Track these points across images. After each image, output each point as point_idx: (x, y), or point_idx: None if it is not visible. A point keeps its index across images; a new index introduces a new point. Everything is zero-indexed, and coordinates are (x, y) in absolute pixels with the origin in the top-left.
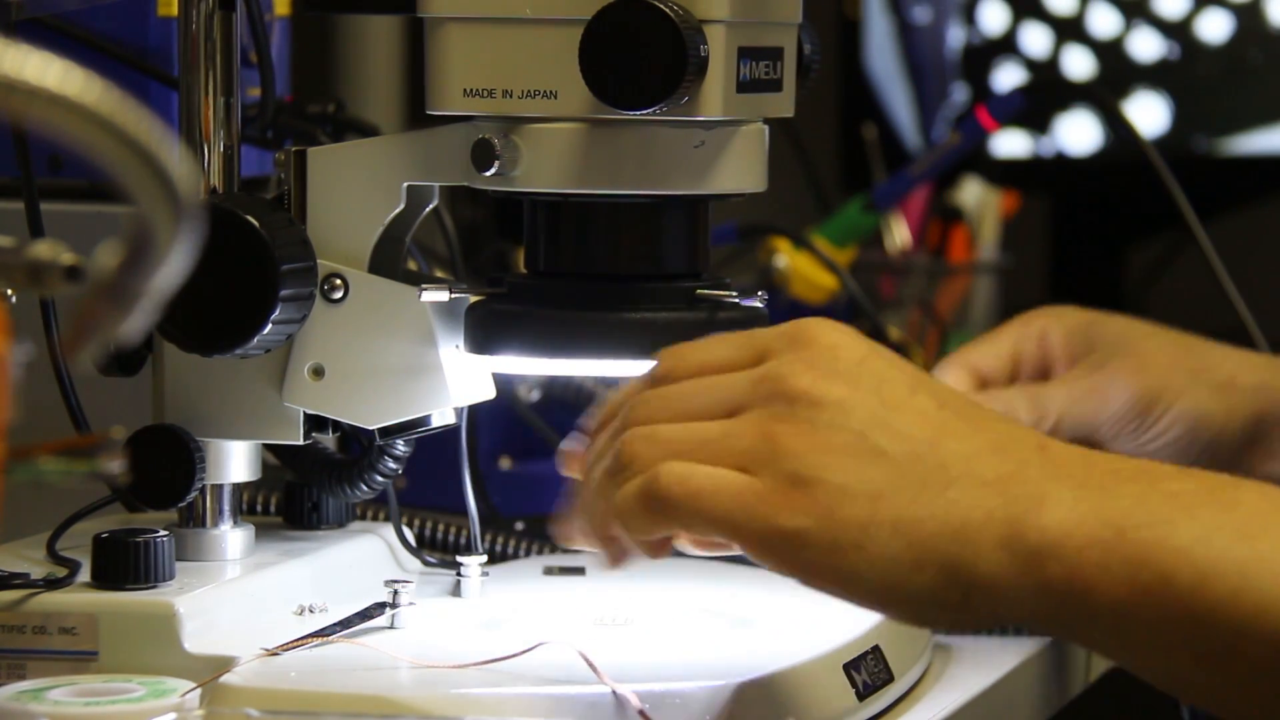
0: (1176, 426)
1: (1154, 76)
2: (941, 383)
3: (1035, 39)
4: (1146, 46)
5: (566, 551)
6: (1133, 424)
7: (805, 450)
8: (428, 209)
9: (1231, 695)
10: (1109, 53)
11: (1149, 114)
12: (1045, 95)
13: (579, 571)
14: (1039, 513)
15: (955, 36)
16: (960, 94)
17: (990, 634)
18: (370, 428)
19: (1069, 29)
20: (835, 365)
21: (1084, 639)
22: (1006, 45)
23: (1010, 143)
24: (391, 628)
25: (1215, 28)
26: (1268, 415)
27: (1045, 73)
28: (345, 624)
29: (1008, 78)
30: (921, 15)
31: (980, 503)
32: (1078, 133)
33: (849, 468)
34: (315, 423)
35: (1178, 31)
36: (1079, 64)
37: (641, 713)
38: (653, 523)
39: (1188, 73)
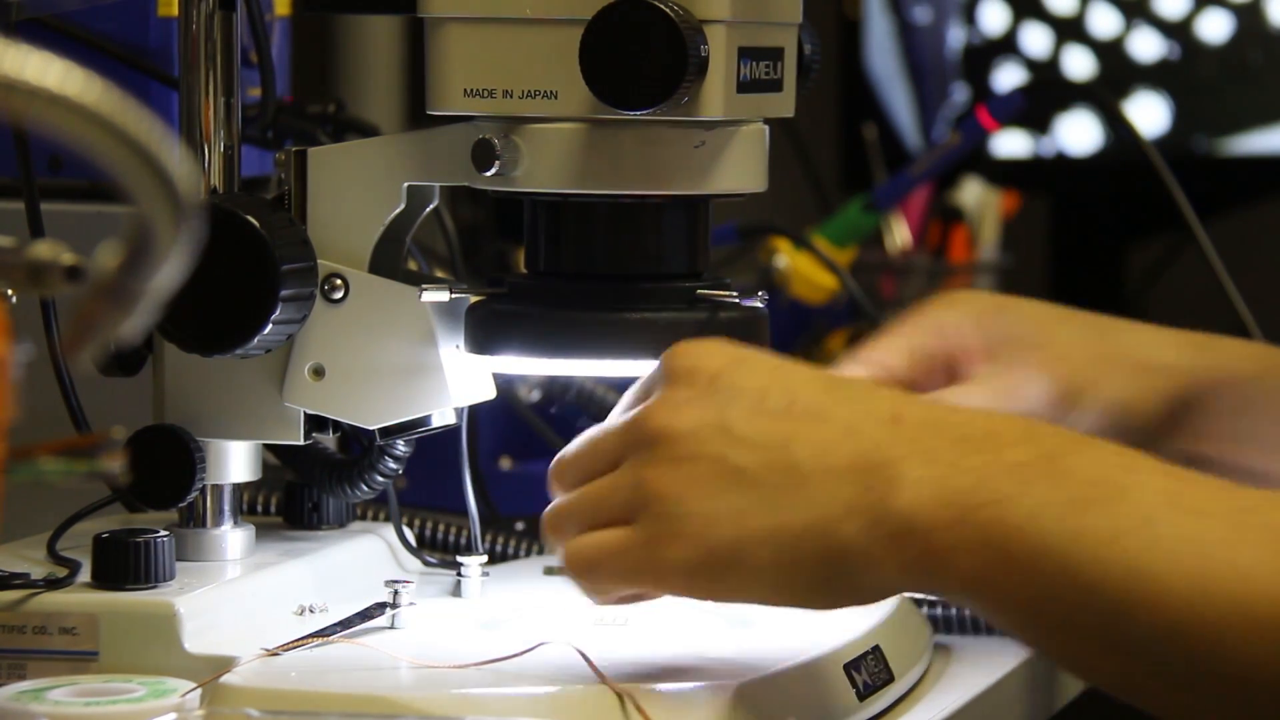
0: (1098, 418)
1: (1154, 76)
2: (800, 372)
3: (1035, 39)
4: (1146, 47)
5: None
6: (1054, 420)
7: (670, 488)
8: (428, 209)
9: (1087, 665)
10: (1109, 53)
11: (1149, 114)
12: (1045, 95)
13: None
14: (891, 497)
15: (955, 36)
16: (960, 94)
17: (991, 634)
18: (370, 428)
19: (1069, 29)
20: (690, 392)
21: (961, 606)
22: (1007, 45)
23: (1010, 143)
24: (391, 628)
25: (1215, 28)
26: (1188, 395)
27: (1045, 73)
28: (345, 624)
29: (1008, 78)
30: (921, 15)
31: (837, 494)
32: (1078, 133)
33: (712, 494)
34: (315, 423)
35: (1178, 31)
36: (1079, 64)
37: (641, 712)
38: (583, 592)
39: (1188, 73)
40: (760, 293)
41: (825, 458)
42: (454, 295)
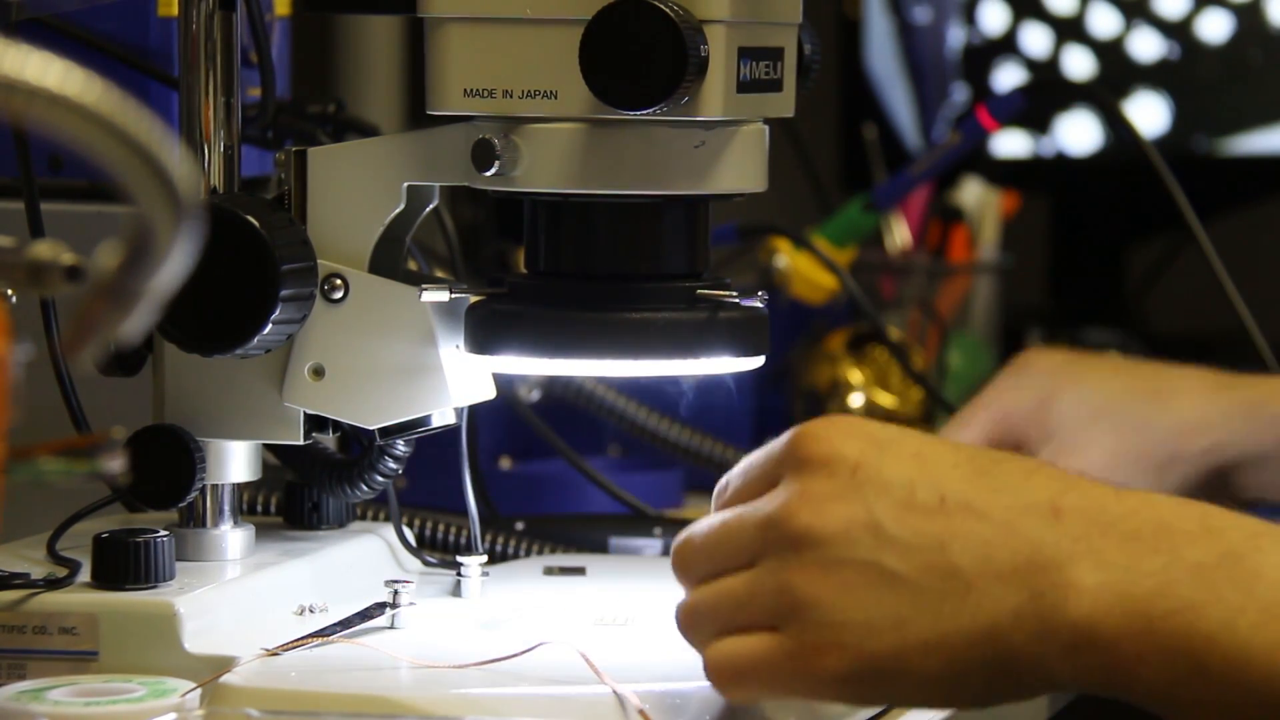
0: None
1: (1154, 76)
2: (944, 456)
3: (1035, 39)
4: (1146, 46)
5: (566, 551)
6: None
7: (822, 595)
8: (428, 209)
9: None
10: (1109, 52)
11: (1149, 114)
12: (1045, 95)
13: (579, 571)
14: (1065, 605)
15: (955, 36)
16: (960, 94)
17: None
18: (370, 428)
19: (1069, 29)
20: (832, 486)
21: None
22: (1007, 45)
23: (1010, 143)
24: (391, 628)
25: (1216, 27)
26: (1215, 475)
27: (1045, 73)
28: (345, 624)
29: (1008, 78)
30: (921, 15)
31: (1004, 601)
32: (1077, 132)
33: (867, 601)
34: (315, 423)
35: (1178, 31)
36: (1079, 64)
37: (641, 712)
38: (727, 695)
39: (1188, 73)
40: (760, 293)
41: (987, 560)
42: (454, 295)
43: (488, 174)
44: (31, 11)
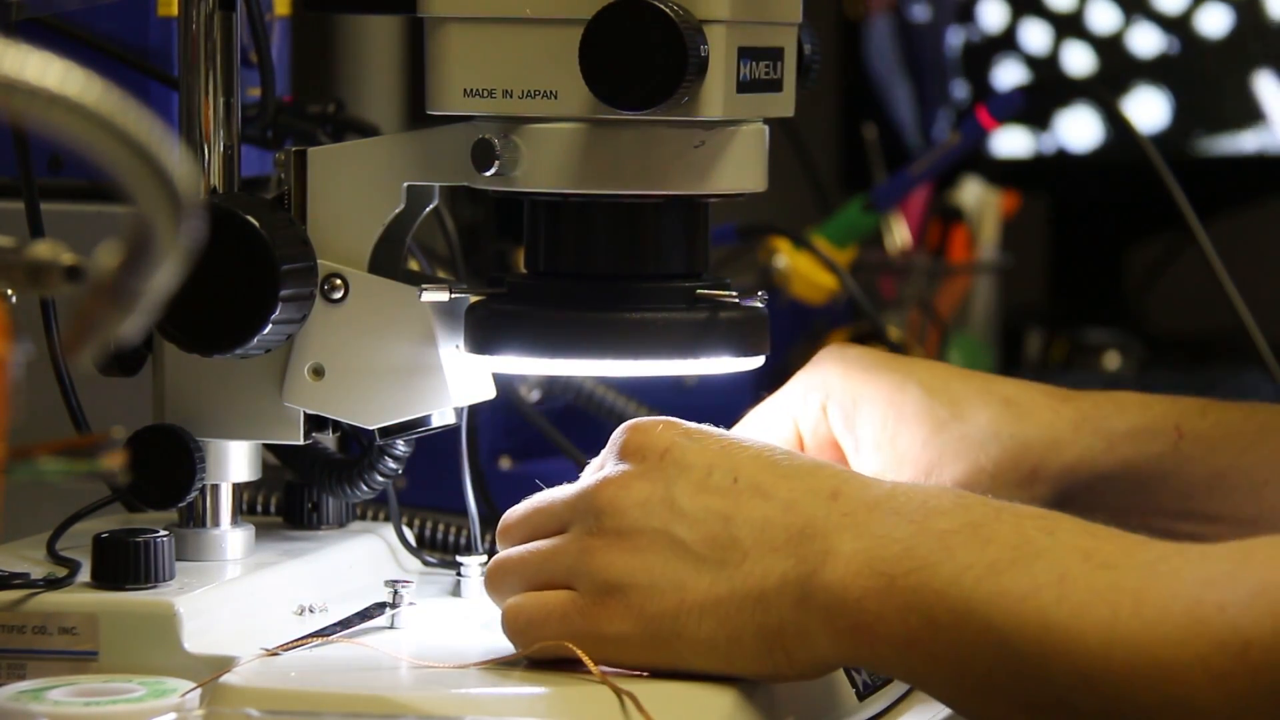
0: None
1: (1154, 72)
2: (747, 449)
3: (1035, 36)
4: (1146, 42)
5: None
6: None
7: (613, 558)
8: (428, 209)
9: None
10: (1109, 49)
11: (1149, 110)
12: (1045, 93)
13: None
14: (823, 571)
15: (955, 34)
16: (960, 92)
17: None
18: (370, 428)
19: (1068, 25)
20: (640, 468)
21: (894, 676)
22: (1006, 43)
23: (1010, 142)
24: (391, 628)
25: (1215, 23)
26: (1069, 494)
27: (1045, 70)
28: (345, 624)
29: (1008, 76)
30: (920, 14)
31: (774, 569)
32: (1078, 131)
33: (653, 566)
34: (315, 423)
35: (1177, 26)
36: (1079, 60)
37: (642, 712)
38: (516, 646)
39: (1187, 68)
40: (760, 293)
41: (764, 533)
42: (454, 295)
43: (488, 174)
44: (31, 11)
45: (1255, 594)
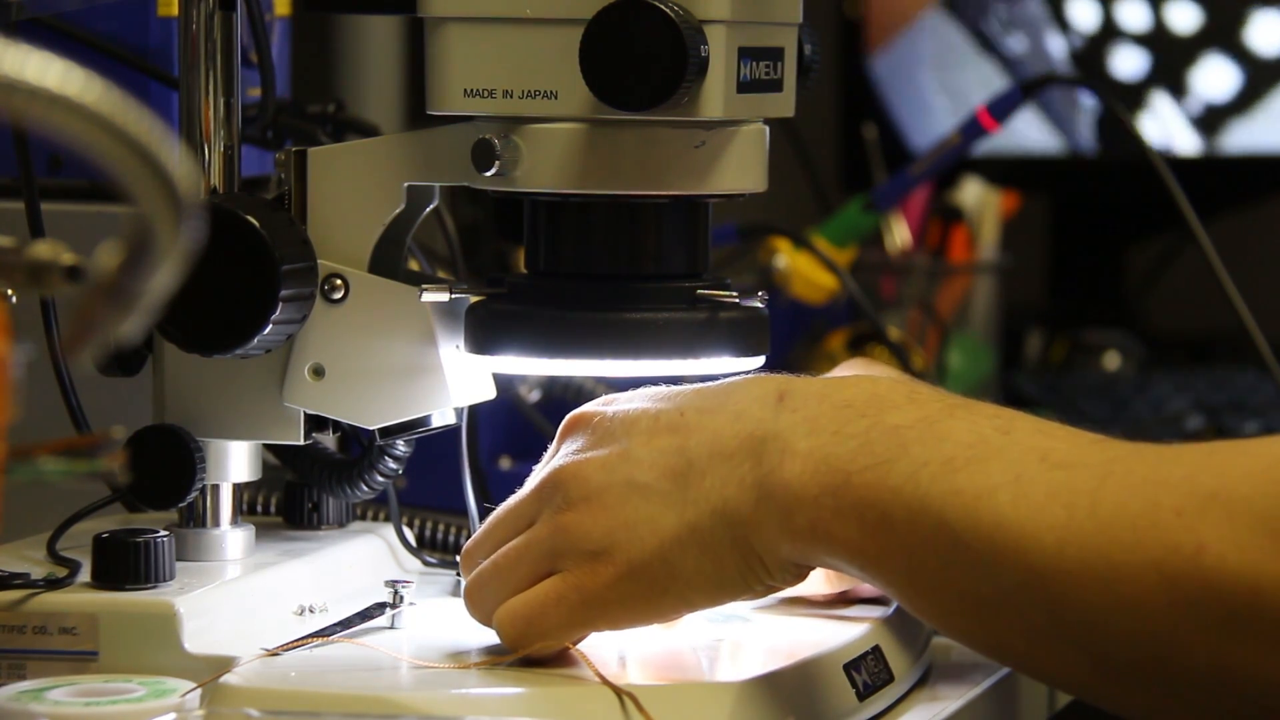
0: None
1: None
2: (684, 389)
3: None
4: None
5: None
6: None
7: (586, 523)
8: (428, 209)
9: (960, 625)
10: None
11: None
12: (1044, 92)
13: None
14: (780, 470)
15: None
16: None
17: None
18: (370, 428)
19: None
20: (588, 438)
21: (851, 574)
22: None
23: (1010, 142)
24: (391, 628)
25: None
26: None
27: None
28: (345, 624)
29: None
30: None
31: (731, 476)
32: (1078, 131)
33: (625, 514)
34: (315, 423)
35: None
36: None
37: (642, 712)
38: (523, 650)
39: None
40: (760, 293)
41: (717, 445)
42: (454, 295)
43: (488, 174)
44: (31, 11)
45: (1210, 498)
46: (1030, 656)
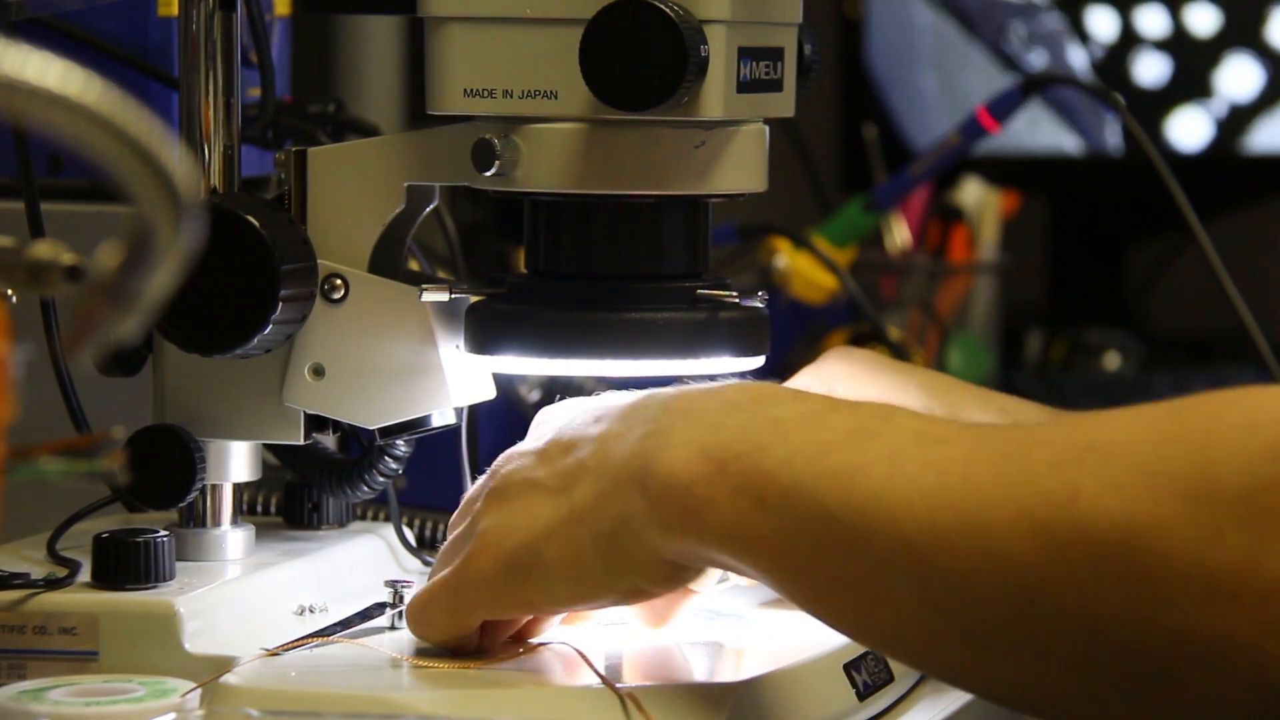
0: None
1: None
2: (625, 395)
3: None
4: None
5: None
6: None
7: (489, 519)
8: (428, 209)
9: (832, 605)
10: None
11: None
12: (1045, 92)
13: None
14: (656, 461)
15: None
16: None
17: None
18: (370, 428)
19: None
20: (526, 443)
21: (722, 566)
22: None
23: (1010, 142)
24: (392, 628)
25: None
26: None
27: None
28: (345, 624)
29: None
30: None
31: (610, 474)
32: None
33: (517, 510)
34: (315, 423)
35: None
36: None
37: (642, 712)
38: (419, 635)
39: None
40: (760, 293)
41: (605, 448)
42: (454, 295)
43: (488, 174)
44: (31, 11)
45: (1088, 448)
46: (899, 634)
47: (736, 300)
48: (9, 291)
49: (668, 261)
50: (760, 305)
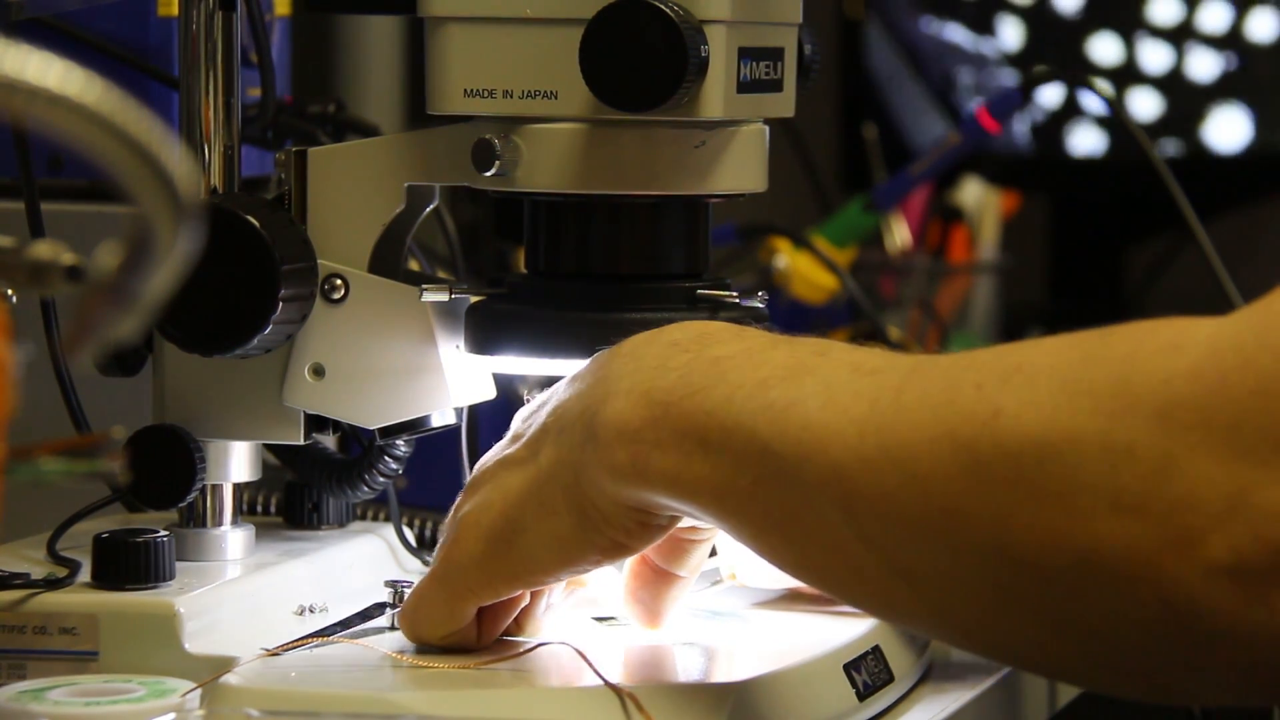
0: None
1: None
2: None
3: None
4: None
5: None
6: None
7: (460, 503)
8: (428, 209)
9: (770, 543)
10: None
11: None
12: (1044, 92)
13: None
14: (604, 410)
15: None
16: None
17: None
18: (370, 428)
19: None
20: (511, 431)
21: (673, 512)
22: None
23: (1010, 142)
24: (392, 628)
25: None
26: None
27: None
28: (345, 624)
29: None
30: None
31: (568, 431)
32: (1078, 131)
33: (488, 490)
34: (315, 423)
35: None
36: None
37: (642, 712)
38: (412, 637)
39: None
40: (760, 293)
41: (563, 407)
42: (454, 295)
43: (488, 174)
44: (31, 11)
45: (1014, 370)
46: (830, 567)
47: (736, 300)
48: (9, 291)
49: (668, 262)
50: (760, 305)
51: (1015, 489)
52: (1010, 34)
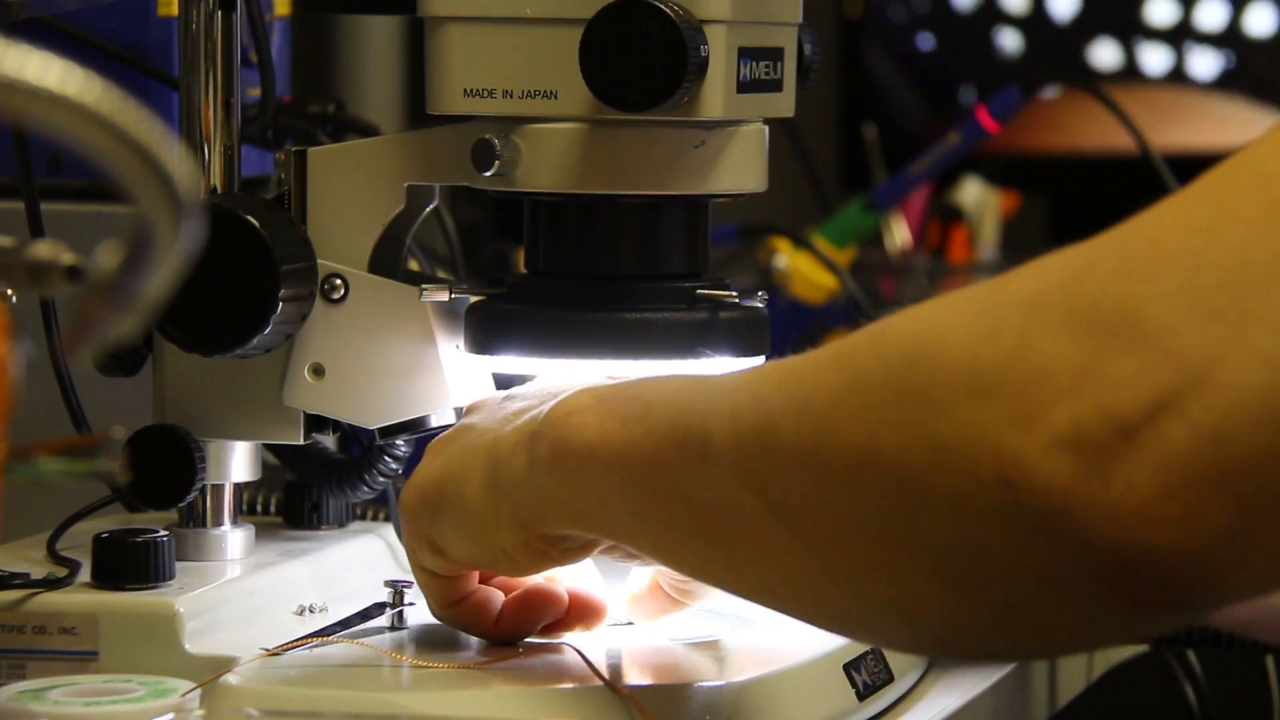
0: None
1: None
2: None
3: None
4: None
5: None
6: None
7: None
8: (428, 209)
9: (668, 511)
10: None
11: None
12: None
13: None
14: (553, 403)
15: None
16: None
17: None
18: (370, 428)
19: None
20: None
21: (579, 506)
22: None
23: (1010, 142)
24: (392, 628)
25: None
26: None
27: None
28: (345, 624)
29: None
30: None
31: (511, 422)
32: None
33: (436, 460)
34: (315, 423)
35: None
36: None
37: (642, 712)
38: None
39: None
40: (760, 293)
41: (526, 400)
42: (454, 295)
43: (488, 174)
44: (31, 11)
45: (919, 307)
46: (717, 524)
47: (736, 300)
48: (9, 291)
49: (667, 261)
50: (760, 305)
51: (883, 392)
52: (1009, 40)
